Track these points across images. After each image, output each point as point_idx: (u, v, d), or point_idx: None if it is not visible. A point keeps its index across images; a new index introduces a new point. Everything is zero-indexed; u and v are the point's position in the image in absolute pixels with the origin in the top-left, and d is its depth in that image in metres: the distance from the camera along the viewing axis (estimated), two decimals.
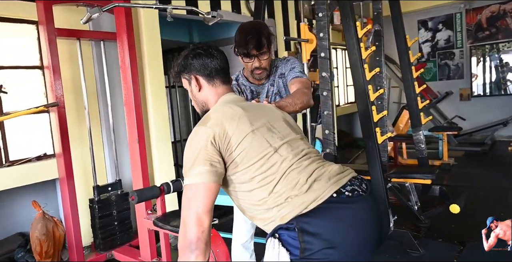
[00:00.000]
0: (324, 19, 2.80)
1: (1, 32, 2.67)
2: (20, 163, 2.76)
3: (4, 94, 2.69)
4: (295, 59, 1.97)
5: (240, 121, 1.17)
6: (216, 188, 1.11)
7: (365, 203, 1.10)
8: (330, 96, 2.92)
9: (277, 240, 1.05)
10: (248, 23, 1.89)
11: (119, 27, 2.41)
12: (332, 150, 2.99)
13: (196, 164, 1.11)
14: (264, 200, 1.12)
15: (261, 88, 1.96)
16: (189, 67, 1.31)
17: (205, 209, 1.07)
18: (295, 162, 1.14)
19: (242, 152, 1.13)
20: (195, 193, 1.08)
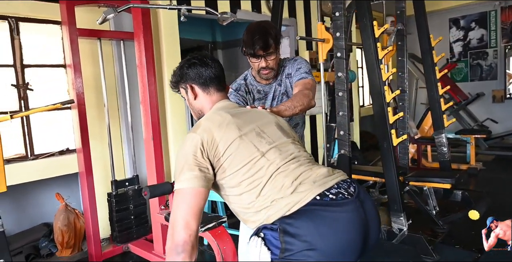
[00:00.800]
0: (341, 18, 2.76)
1: (28, 32, 2.82)
2: (44, 156, 2.91)
3: (30, 91, 2.84)
4: (302, 59, 1.96)
5: (228, 127, 1.20)
6: (205, 193, 1.13)
7: (349, 206, 1.09)
8: (345, 96, 2.87)
9: (260, 239, 1.06)
10: (256, 23, 1.90)
11: (136, 27, 2.49)
12: (347, 151, 2.95)
13: (185, 169, 1.14)
14: (253, 203, 1.14)
15: (269, 87, 1.96)
16: (185, 76, 1.36)
17: (193, 213, 1.09)
18: (282, 165, 1.16)
19: (229, 157, 1.16)
20: (183, 198, 1.11)
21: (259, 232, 1.09)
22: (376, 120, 2.80)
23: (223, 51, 5.23)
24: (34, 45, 2.85)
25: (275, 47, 1.79)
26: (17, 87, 2.77)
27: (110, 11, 1.98)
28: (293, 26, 4.36)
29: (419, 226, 3.03)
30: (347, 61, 2.84)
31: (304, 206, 1.06)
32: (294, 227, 1.03)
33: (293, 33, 4.34)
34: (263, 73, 1.86)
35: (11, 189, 3.05)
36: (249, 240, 1.10)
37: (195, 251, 1.07)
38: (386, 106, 2.70)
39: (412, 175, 3.35)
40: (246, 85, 1.99)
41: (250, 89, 1.97)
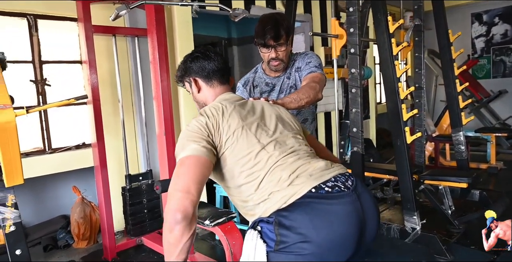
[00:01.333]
0: (355, 14, 2.72)
1: (46, 29, 2.89)
2: (61, 150, 2.99)
3: (48, 86, 2.92)
4: (313, 53, 1.96)
5: (231, 116, 1.22)
6: (209, 164, 1.11)
7: (345, 199, 1.09)
8: (359, 93, 2.84)
9: (256, 232, 1.07)
10: (269, 14, 1.91)
11: (150, 24, 2.51)
12: (360, 149, 2.92)
13: (190, 142, 1.14)
14: (251, 196, 1.15)
15: (277, 80, 1.96)
16: (189, 70, 1.38)
17: (197, 180, 1.05)
18: (281, 159, 1.17)
19: (231, 146, 1.17)
20: (187, 166, 1.08)
21: (256, 225, 1.09)
22: (390, 118, 2.76)
23: (238, 48, 5.24)
24: (52, 42, 2.92)
25: (286, 39, 1.79)
26: (35, 82, 2.85)
27: (122, 7, 2.01)
28: (308, 22, 4.32)
29: (434, 225, 2.98)
30: (361, 57, 2.80)
31: (300, 198, 1.06)
32: (289, 219, 1.04)
33: (308, 29, 4.30)
34: (272, 65, 1.86)
35: (31, 182, 3.16)
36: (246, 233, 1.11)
37: (194, 221, 1.01)
38: (400, 103, 2.65)
39: (427, 174, 3.29)
40: (254, 79, 2.00)
41: (258, 83, 1.98)
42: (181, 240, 0.98)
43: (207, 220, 2.28)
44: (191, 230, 1.00)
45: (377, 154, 5.14)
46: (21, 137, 2.86)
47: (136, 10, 2.98)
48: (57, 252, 3.12)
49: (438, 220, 3.06)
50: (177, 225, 0.97)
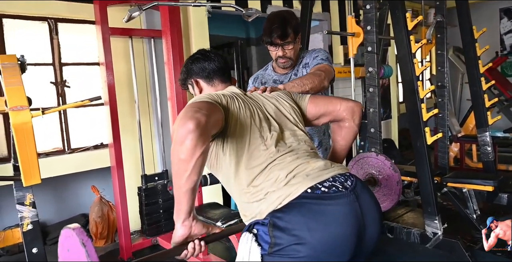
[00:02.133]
0: (372, 11, 2.65)
1: (67, 32, 2.96)
2: (80, 150, 3.05)
3: (68, 88, 2.99)
4: (321, 49, 1.93)
5: (235, 105, 1.19)
6: (221, 113, 1.09)
7: (342, 199, 1.03)
8: (377, 92, 2.76)
9: (251, 235, 1.04)
10: (277, 12, 1.90)
11: (164, 25, 2.53)
12: (378, 150, 2.83)
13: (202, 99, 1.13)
14: (244, 191, 1.11)
15: (284, 77, 1.95)
16: (190, 72, 1.38)
17: (205, 113, 0.96)
18: (278, 158, 1.13)
19: (234, 127, 1.13)
20: (199, 102, 1.05)
21: (251, 228, 1.06)
22: (409, 118, 2.66)
23: (257, 48, 5.22)
24: (71, 45, 2.99)
25: (293, 37, 1.78)
26: (55, 84, 2.92)
27: (135, 9, 2.02)
28: (326, 21, 4.25)
29: (457, 230, 2.85)
30: (379, 55, 2.72)
31: (295, 199, 1.02)
32: (283, 220, 1.00)
33: (327, 27, 4.23)
34: (280, 62, 1.85)
35: (52, 181, 3.24)
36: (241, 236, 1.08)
37: (208, 136, 0.92)
38: (419, 102, 2.55)
39: (450, 176, 3.16)
40: (264, 76, 2.00)
41: (267, 80, 1.98)
42: (194, 152, 0.90)
43: (219, 222, 2.28)
44: (204, 145, 0.91)
45: (399, 155, 5.00)
46: (42, 138, 2.95)
47: (152, 11, 3.02)
48: None
49: (462, 225, 2.94)
50: (190, 134, 0.88)
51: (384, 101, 5.33)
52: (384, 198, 1.68)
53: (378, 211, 1.13)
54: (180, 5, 2.26)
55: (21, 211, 2.28)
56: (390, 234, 2.87)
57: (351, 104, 1.39)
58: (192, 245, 1.06)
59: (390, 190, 1.64)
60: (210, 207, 2.54)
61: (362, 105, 1.44)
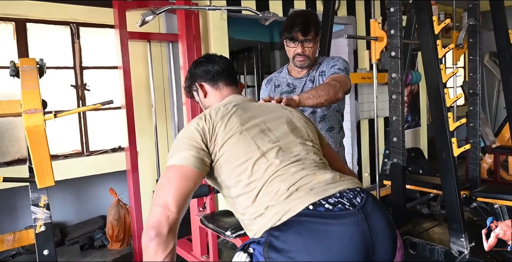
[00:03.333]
0: (396, 14, 2.52)
1: (88, 36, 3.01)
2: (98, 153, 3.08)
3: (88, 91, 3.03)
4: (340, 57, 1.85)
5: (230, 120, 1.13)
6: (196, 176, 1.03)
7: (348, 219, 0.93)
8: (400, 100, 2.62)
9: (246, 255, 0.96)
10: (298, 10, 1.88)
11: (180, 29, 2.51)
12: (401, 160, 2.68)
13: (182, 147, 1.07)
14: (248, 209, 1.04)
15: (298, 82, 1.87)
16: (194, 76, 1.35)
17: (179, 194, 0.97)
18: (281, 168, 1.05)
19: (226, 152, 1.08)
20: (173, 175, 1.02)
21: (247, 247, 0.98)
22: (434, 127, 2.50)
23: (281, 52, 5.15)
24: (92, 48, 3.03)
25: (314, 36, 1.74)
26: (76, 87, 2.97)
27: (148, 13, 2.01)
28: (351, 25, 4.11)
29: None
30: (403, 61, 2.59)
31: (294, 216, 0.93)
32: (280, 240, 0.91)
33: (352, 32, 4.10)
34: (297, 60, 1.78)
35: (73, 182, 3.29)
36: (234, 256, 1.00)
37: (171, 239, 0.93)
38: (446, 111, 2.39)
39: (481, 190, 2.95)
40: (278, 78, 1.94)
41: (280, 82, 1.92)
42: (155, 258, 0.91)
43: (228, 231, 2.21)
44: (167, 249, 0.92)
45: (427, 165, 4.76)
46: (61, 140, 3.00)
47: (172, 16, 3.01)
48: (92, 252, 3.21)
49: None
50: (151, 242, 0.91)
51: (413, 109, 5.11)
52: None
53: (392, 234, 1.00)
54: (194, 9, 2.23)
55: (35, 212, 2.31)
56: (412, 250, 2.70)
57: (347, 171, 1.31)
58: None
59: None
60: (222, 215, 2.48)
61: None
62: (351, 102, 4.29)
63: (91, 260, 3.05)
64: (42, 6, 2.70)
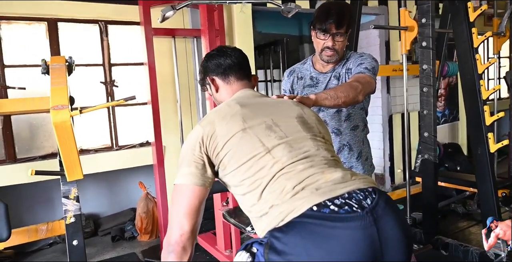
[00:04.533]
0: (428, 2, 2.37)
1: (115, 33, 3.08)
2: (127, 147, 3.16)
3: (116, 87, 3.11)
4: (369, 55, 1.75)
5: (232, 119, 1.10)
6: (200, 191, 1.06)
7: (354, 222, 0.87)
8: (431, 93, 2.48)
9: (247, 254, 0.93)
10: (333, 1, 1.76)
11: (203, 24, 2.51)
12: (432, 156, 2.55)
13: (183, 164, 1.09)
14: (254, 206, 1.01)
15: (323, 76, 1.78)
16: (206, 70, 1.32)
17: (187, 212, 1.04)
18: (288, 165, 1.00)
19: (229, 152, 1.05)
20: (178, 195, 1.07)
21: (250, 247, 0.96)
22: (468, 122, 2.35)
23: (310, 45, 5.04)
24: (120, 46, 3.10)
25: (346, 29, 1.65)
26: (105, 84, 3.06)
27: (167, 9, 2.01)
28: (383, 15, 3.95)
29: None
30: (435, 51, 2.44)
31: (297, 217, 0.89)
32: (281, 242, 0.88)
33: (383, 22, 3.93)
34: (325, 54, 1.69)
35: (105, 175, 3.41)
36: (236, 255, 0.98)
37: (187, 252, 1.03)
38: (481, 104, 2.24)
39: None
40: (301, 70, 1.86)
41: (304, 75, 1.83)
42: None
43: (249, 227, 2.19)
44: (183, 259, 1.02)
45: (466, 161, 4.51)
46: (91, 135, 3.11)
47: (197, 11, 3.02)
48: (123, 243, 3.32)
49: None
50: (169, 255, 1.02)
51: (451, 102, 4.86)
52: None
53: (405, 239, 0.93)
54: (214, 3, 2.21)
55: (65, 204, 2.40)
56: (444, 251, 2.57)
57: None
58: None
59: None
60: None
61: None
62: (383, 96, 4.13)
63: (121, 251, 3.15)
64: (72, 5, 2.79)
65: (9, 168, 2.76)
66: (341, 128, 1.77)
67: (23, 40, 2.77)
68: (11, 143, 2.79)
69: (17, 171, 2.75)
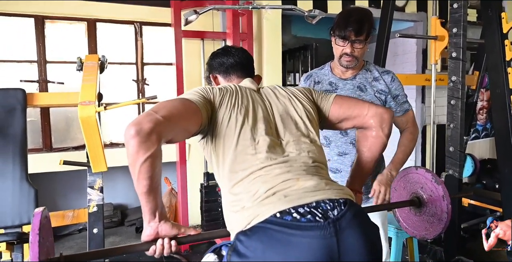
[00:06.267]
0: (460, 11, 2.27)
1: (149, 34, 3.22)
2: None
3: (147, 86, 3.25)
4: (395, 78, 1.75)
5: (237, 98, 1.10)
6: (198, 113, 1.00)
7: (314, 231, 0.87)
8: (459, 106, 2.37)
9: (215, 256, 0.96)
10: (354, 7, 1.82)
11: (228, 27, 2.57)
12: (457, 172, 2.43)
13: (187, 95, 1.07)
14: (225, 197, 1.03)
15: (342, 83, 1.75)
16: (210, 68, 1.34)
17: (172, 110, 0.94)
18: (266, 167, 1.00)
19: (222, 124, 1.05)
20: (173, 101, 1.01)
21: (218, 250, 0.98)
22: (497, 138, 2.22)
23: None
24: (153, 46, 3.24)
25: (366, 36, 1.63)
26: (137, 82, 3.21)
27: (190, 13, 2.09)
28: (422, 22, 3.80)
29: None
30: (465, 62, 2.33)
31: (261, 222, 0.90)
32: (244, 246, 0.89)
33: (422, 29, 3.79)
34: (344, 60, 1.67)
35: None
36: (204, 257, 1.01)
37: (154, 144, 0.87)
38: (511, 120, 2.11)
39: None
40: (318, 75, 1.84)
41: (321, 79, 1.81)
42: (137, 158, 0.88)
43: None
44: (148, 151, 0.87)
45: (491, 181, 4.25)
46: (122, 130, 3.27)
47: None
48: None
49: None
50: (131, 140, 0.86)
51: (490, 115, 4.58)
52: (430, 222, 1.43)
53: (368, 254, 0.91)
54: (237, 8, 2.26)
55: (90, 194, 2.56)
56: None
57: (380, 110, 1.22)
58: (160, 242, 0.99)
59: (436, 211, 1.39)
60: None
61: (393, 114, 1.27)
62: (417, 105, 3.99)
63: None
64: (110, 7, 2.96)
65: (45, 156, 2.98)
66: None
67: (64, 38, 2.98)
68: (48, 133, 3.01)
69: (52, 159, 2.96)
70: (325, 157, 1.17)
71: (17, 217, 2.23)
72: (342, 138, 1.74)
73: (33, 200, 2.36)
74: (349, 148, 1.74)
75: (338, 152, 1.75)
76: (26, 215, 2.25)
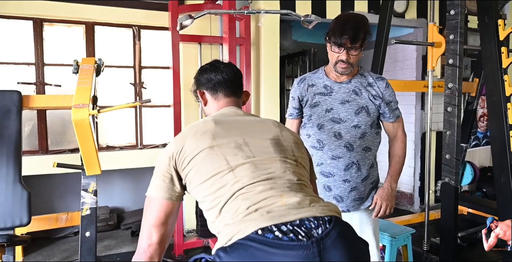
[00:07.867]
0: (457, 17, 2.25)
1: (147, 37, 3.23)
2: (150, 147, 3.29)
3: (144, 89, 3.25)
4: (388, 84, 1.77)
5: (202, 136, 1.10)
6: (167, 205, 1.10)
7: (295, 251, 0.84)
8: (455, 113, 2.35)
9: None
10: (350, 13, 1.83)
11: (225, 32, 2.56)
12: (453, 180, 2.40)
13: (154, 176, 1.13)
14: (214, 223, 1.03)
15: (337, 86, 1.75)
16: (198, 83, 1.33)
17: (155, 223, 1.08)
18: (247, 185, 1.00)
19: (194, 168, 1.07)
20: (148, 206, 1.12)
21: (199, 261, 0.97)
22: (492, 147, 2.20)
23: None
24: (150, 49, 3.25)
25: (361, 44, 1.64)
26: (134, 85, 3.21)
27: (184, 17, 2.09)
28: (421, 28, 3.78)
29: None
30: (462, 69, 2.31)
31: (242, 239, 0.88)
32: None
33: (422, 36, 3.77)
34: (339, 67, 1.68)
35: (132, 172, 3.57)
36: None
37: (155, 258, 1.07)
38: (507, 129, 2.09)
39: None
40: (311, 78, 1.83)
41: (316, 83, 1.81)
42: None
43: None
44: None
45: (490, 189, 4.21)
46: (118, 133, 3.27)
47: None
48: None
49: None
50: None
51: None
52: None
53: None
54: (232, 12, 2.26)
55: (83, 196, 2.55)
56: None
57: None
58: None
59: None
60: None
61: None
62: (417, 112, 3.96)
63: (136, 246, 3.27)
64: (109, 10, 2.98)
65: (41, 158, 2.98)
66: (354, 145, 1.73)
67: (62, 41, 2.99)
68: (44, 136, 3.01)
69: (48, 161, 2.95)
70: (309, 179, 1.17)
71: (9, 220, 2.22)
72: (336, 141, 1.73)
73: (26, 203, 2.35)
74: (343, 151, 1.73)
75: (331, 155, 1.74)
76: (18, 217, 2.25)
